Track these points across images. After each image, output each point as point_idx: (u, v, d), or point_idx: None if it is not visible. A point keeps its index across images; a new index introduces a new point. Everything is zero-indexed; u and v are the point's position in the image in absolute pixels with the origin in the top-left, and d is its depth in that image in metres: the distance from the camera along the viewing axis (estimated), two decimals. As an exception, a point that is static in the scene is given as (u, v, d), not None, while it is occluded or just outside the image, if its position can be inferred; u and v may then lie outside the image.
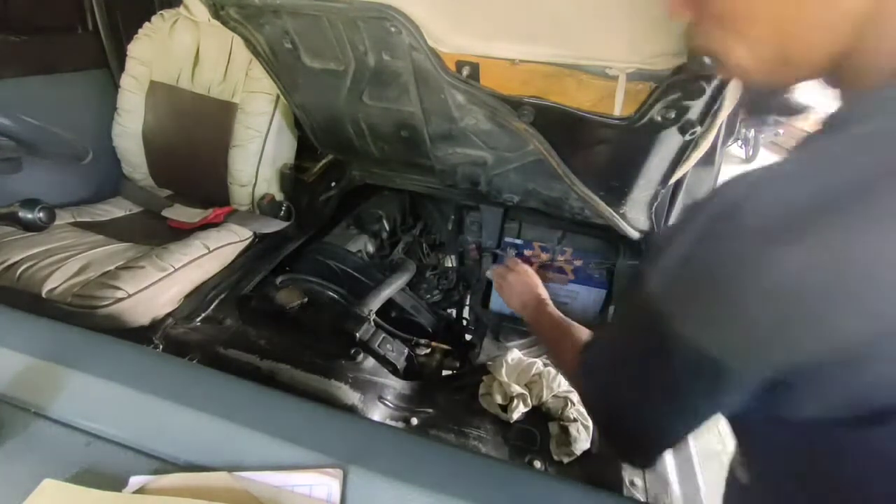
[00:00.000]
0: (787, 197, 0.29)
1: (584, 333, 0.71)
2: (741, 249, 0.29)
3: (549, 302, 0.90)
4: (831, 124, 0.34)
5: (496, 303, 1.33)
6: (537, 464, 0.83)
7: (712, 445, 1.58)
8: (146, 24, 1.33)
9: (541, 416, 0.91)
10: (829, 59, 0.36)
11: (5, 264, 0.98)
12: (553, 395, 0.90)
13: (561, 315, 0.82)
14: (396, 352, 1.02)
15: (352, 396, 0.89)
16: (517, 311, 0.97)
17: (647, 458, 0.46)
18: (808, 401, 0.31)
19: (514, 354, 0.99)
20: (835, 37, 0.34)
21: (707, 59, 0.57)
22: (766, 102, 0.53)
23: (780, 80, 0.40)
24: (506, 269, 1.04)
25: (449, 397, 0.96)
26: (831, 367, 0.28)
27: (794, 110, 0.54)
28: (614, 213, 1.03)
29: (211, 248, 1.13)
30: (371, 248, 1.45)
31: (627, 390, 0.41)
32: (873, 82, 0.34)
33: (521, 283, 0.98)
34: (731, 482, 0.43)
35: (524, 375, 0.94)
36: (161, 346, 0.97)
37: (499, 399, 0.91)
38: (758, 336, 0.30)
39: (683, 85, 0.74)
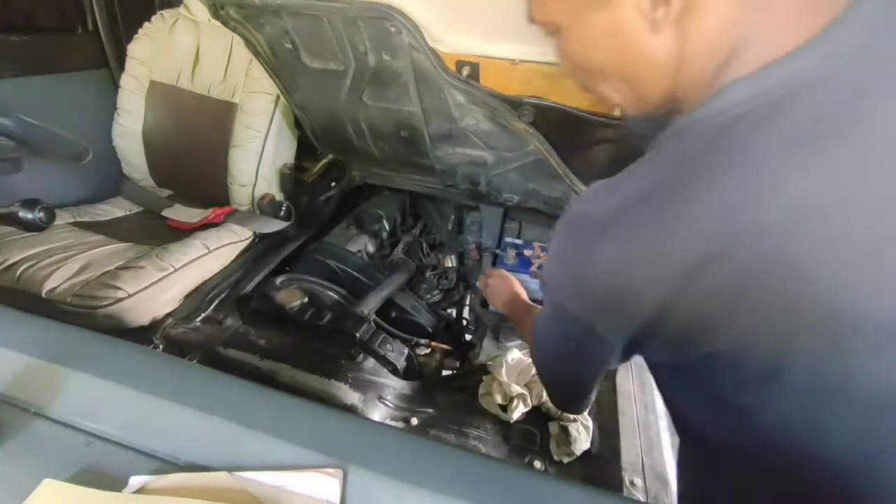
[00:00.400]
0: (605, 203, 0.40)
1: None
2: (579, 244, 0.41)
3: (525, 296, 1.00)
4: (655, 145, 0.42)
5: (496, 303, 1.33)
6: (537, 464, 0.83)
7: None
8: (146, 24, 1.33)
9: (541, 416, 0.91)
10: (668, 95, 0.46)
11: (5, 264, 0.98)
12: None
13: (532, 304, 0.93)
14: (396, 352, 1.02)
15: (352, 396, 0.89)
16: (500, 310, 1.05)
17: (577, 406, 0.64)
18: (655, 348, 0.43)
19: (514, 354, 0.99)
20: (661, 80, 0.44)
21: None
22: (644, 125, 0.67)
23: (645, 110, 0.49)
24: (487, 276, 1.12)
25: (449, 397, 0.96)
26: (651, 324, 0.39)
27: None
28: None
29: (211, 248, 1.13)
30: (371, 248, 1.45)
31: (551, 354, 0.56)
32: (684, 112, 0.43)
33: (500, 286, 1.05)
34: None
35: (524, 375, 0.94)
36: (161, 346, 0.97)
37: (499, 399, 0.91)
38: (603, 306, 0.41)
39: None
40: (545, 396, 0.90)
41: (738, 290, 0.35)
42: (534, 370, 0.95)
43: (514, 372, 0.95)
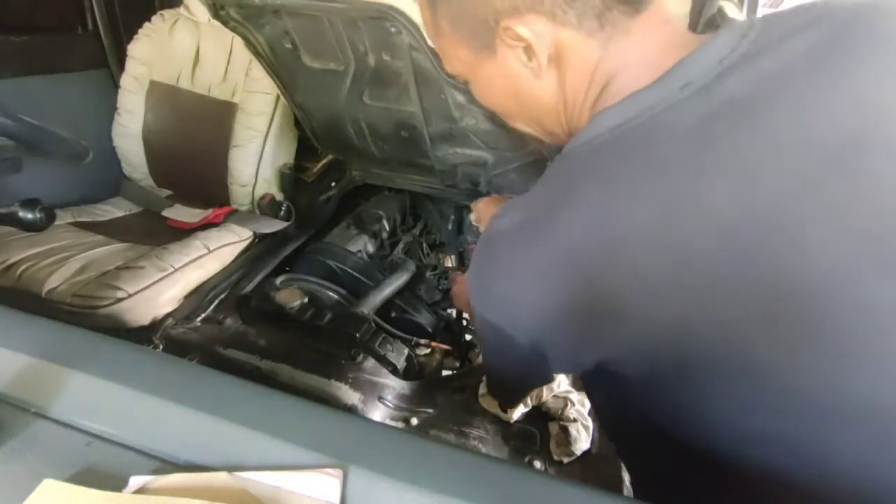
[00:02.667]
0: (507, 221, 0.45)
1: None
2: (486, 259, 0.47)
3: None
4: None
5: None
6: (537, 464, 0.83)
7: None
8: (146, 24, 1.32)
9: (541, 416, 0.91)
10: (570, 129, 0.51)
11: (5, 264, 0.98)
12: (553, 395, 0.90)
13: None
14: (396, 352, 1.02)
15: (352, 396, 0.89)
16: (465, 310, 1.12)
17: (512, 403, 0.83)
18: (557, 359, 0.48)
19: None
20: (557, 117, 0.51)
21: None
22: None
23: (557, 141, 0.55)
24: (453, 282, 1.16)
25: (449, 397, 0.96)
26: (545, 332, 0.44)
27: None
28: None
29: (211, 248, 1.13)
30: (371, 248, 1.45)
31: (489, 359, 0.62)
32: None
33: (462, 289, 1.05)
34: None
35: None
36: (161, 346, 0.97)
37: None
38: (504, 312, 0.46)
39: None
40: (545, 396, 0.90)
41: (609, 301, 0.38)
42: None
43: None
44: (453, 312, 1.51)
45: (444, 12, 0.47)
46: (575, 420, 0.87)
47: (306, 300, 1.11)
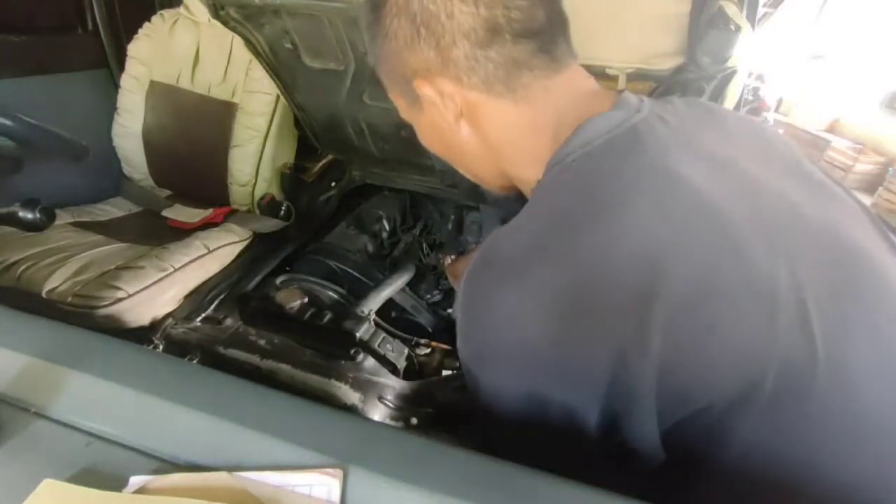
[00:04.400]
0: (511, 247, 0.41)
1: None
2: (480, 291, 0.40)
3: None
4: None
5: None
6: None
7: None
8: (146, 24, 1.32)
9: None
10: (500, 177, 0.54)
11: (5, 264, 0.98)
12: None
13: None
14: (396, 352, 1.02)
15: (352, 396, 0.89)
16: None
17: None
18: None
19: None
20: (485, 165, 0.53)
21: (706, 59, 0.65)
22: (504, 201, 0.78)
23: (493, 187, 0.58)
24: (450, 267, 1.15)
25: (449, 397, 0.96)
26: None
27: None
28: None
29: (211, 248, 1.13)
30: (371, 248, 1.45)
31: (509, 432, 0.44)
32: (530, 181, 0.48)
33: (462, 265, 1.05)
34: None
35: None
36: (161, 346, 0.97)
37: None
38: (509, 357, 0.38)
39: (683, 84, 0.74)
40: None
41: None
42: None
43: None
44: (453, 312, 1.51)
45: (381, 69, 0.52)
46: None
47: (306, 300, 1.11)
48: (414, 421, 0.89)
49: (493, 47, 0.43)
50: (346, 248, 1.33)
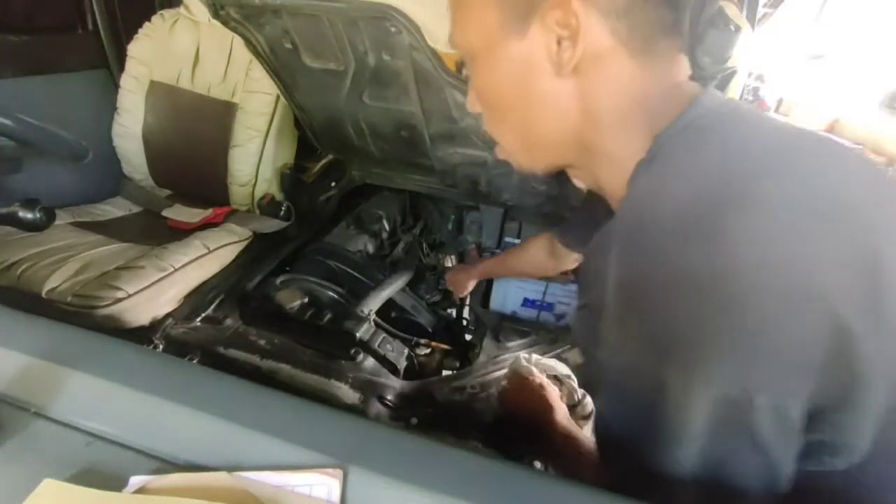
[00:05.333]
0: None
1: None
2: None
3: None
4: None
5: (496, 303, 1.33)
6: (537, 464, 0.83)
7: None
8: (146, 24, 1.32)
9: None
10: (564, 151, 0.46)
11: (5, 264, 0.98)
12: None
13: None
14: (396, 352, 1.02)
15: (352, 396, 0.89)
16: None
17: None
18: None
19: (524, 354, 0.97)
20: (560, 130, 0.44)
21: (706, 59, 0.63)
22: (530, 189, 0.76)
23: (536, 163, 0.50)
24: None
25: (449, 397, 0.96)
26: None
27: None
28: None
29: (211, 248, 1.13)
30: (371, 248, 1.45)
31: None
32: (616, 157, 0.42)
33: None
34: None
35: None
36: (161, 346, 0.97)
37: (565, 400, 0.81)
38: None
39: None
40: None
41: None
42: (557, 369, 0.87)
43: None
44: (453, 312, 1.51)
45: None
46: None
47: (306, 300, 1.11)
48: (414, 421, 0.89)
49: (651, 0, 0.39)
50: (346, 248, 1.33)
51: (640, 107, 0.41)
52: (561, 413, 0.70)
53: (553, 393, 0.75)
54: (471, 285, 1.25)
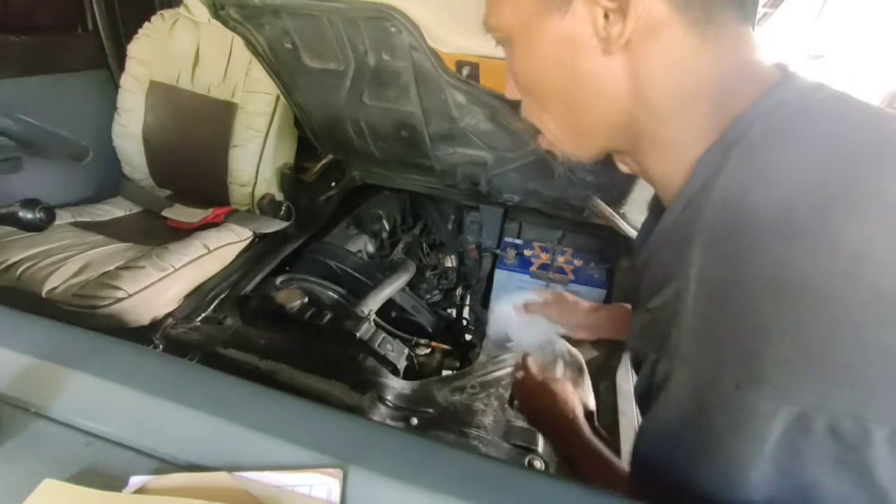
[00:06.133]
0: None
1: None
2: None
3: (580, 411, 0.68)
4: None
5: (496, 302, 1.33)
6: (537, 464, 0.83)
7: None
8: (146, 24, 1.33)
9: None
10: (614, 136, 0.41)
11: (5, 264, 0.98)
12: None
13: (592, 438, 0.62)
14: (396, 352, 1.02)
15: (352, 396, 0.89)
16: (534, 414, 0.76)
17: None
18: None
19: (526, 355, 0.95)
20: (609, 114, 0.39)
21: None
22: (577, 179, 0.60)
23: (582, 152, 0.45)
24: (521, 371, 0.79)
25: (449, 397, 0.96)
26: None
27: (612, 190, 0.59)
28: (614, 213, 1.03)
29: (211, 248, 1.13)
30: (371, 248, 1.45)
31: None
32: (674, 143, 0.38)
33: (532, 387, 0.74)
34: None
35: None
36: (161, 346, 0.97)
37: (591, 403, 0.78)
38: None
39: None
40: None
41: None
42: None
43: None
44: (453, 312, 1.51)
45: None
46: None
47: (306, 300, 1.11)
48: (414, 421, 0.89)
49: None
50: (346, 248, 1.34)
51: (703, 87, 0.36)
52: (579, 422, 0.64)
53: (571, 399, 0.68)
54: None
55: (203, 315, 1.06)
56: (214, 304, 1.09)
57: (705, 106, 0.36)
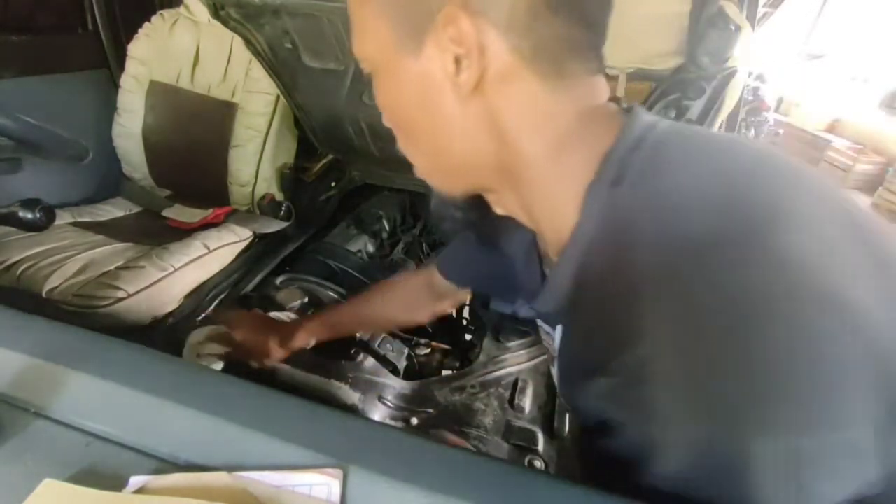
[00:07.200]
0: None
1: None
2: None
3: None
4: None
5: (496, 303, 1.33)
6: (537, 464, 0.83)
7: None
8: (146, 24, 1.33)
9: (543, 415, 0.91)
10: (489, 170, 0.40)
11: (5, 264, 0.98)
12: None
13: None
14: (396, 352, 1.02)
15: (352, 396, 0.89)
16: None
17: None
18: None
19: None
20: (478, 150, 0.39)
21: (706, 59, 0.62)
22: (446, 213, 0.58)
23: (451, 187, 0.45)
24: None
25: (449, 397, 0.96)
26: None
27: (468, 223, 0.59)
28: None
29: (211, 248, 1.13)
30: (371, 248, 1.45)
31: None
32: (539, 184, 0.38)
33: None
34: None
35: None
36: (161, 346, 0.97)
37: None
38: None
39: (683, 84, 0.74)
40: None
41: None
42: None
43: None
44: (453, 312, 1.50)
45: None
46: None
47: (306, 300, 1.11)
48: (414, 421, 0.89)
49: (560, 16, 0.34)
50: (346, 248, 1.33)
51: (565, 129, 0.37)
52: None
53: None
54: (278, 353, 0.80)
55: (203, 315, 1.06)
56: (214, 303, 1.09)
57: (571, 146, 0.37)
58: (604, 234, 0.35)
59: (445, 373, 1.10)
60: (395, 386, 0.95)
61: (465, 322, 1.47)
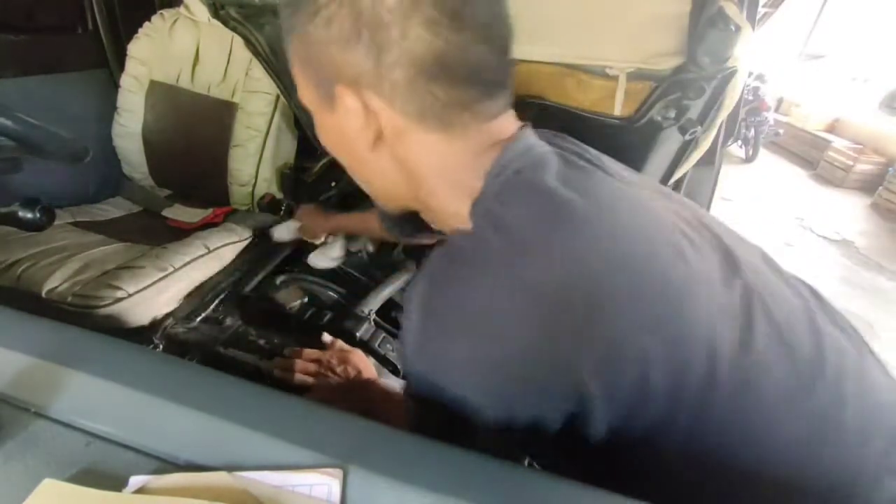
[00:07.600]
0: (471, 250, 0.40)
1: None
2: (451, 290, 0.38)
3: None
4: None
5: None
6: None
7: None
8: (146, 24, 1.33)
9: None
10: (408, 201, 0.50)
11: (5, 264, 0.98)
12: None
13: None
14: (396, 352, 1.02)
15: (352, 396, 0.89)
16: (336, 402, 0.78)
17: None
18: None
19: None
20: (394, 188, 0.49)
21: (706, 59, 0.63)
22: (398, 225, 0.76)
23: (392, 206, 0.55)
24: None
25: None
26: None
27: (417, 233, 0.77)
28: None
29: (211, 248, 1.13)
30: (371, 248, 1.45)
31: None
32: (450, 211, 0.46)
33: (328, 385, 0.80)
34: None
35: None
36: (161, 346, 0.97)
37: None
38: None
39: (683, 84, 0.74)
40: None
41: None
42: None
43: None
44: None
45: (295, 48, 0.43)
46: None
47: (306, 300, 1.11)
48: (414, 421, 0.89)
49: (439, 83, 0.40)
50: (347, 247, 1.33)
51: (458, 165, 0.44)
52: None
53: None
54: (322, 236, 1.16)
55: (203, 315, 1.06)
56: (214, 304, 1.09)
57: (466, 176, 0.44)
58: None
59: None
60: (395, 386, 0.95)
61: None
